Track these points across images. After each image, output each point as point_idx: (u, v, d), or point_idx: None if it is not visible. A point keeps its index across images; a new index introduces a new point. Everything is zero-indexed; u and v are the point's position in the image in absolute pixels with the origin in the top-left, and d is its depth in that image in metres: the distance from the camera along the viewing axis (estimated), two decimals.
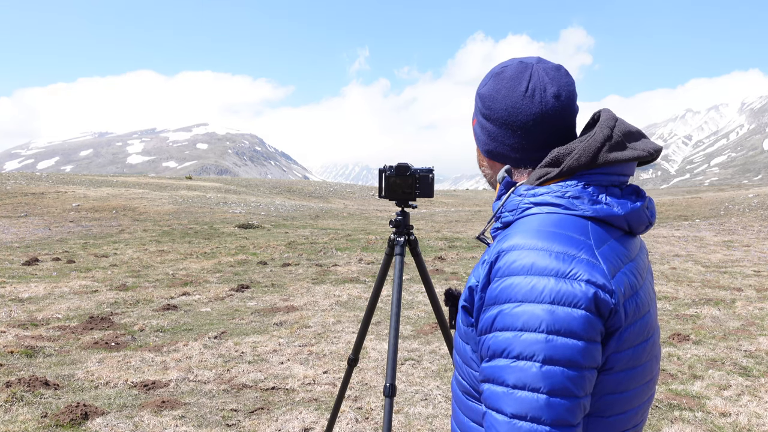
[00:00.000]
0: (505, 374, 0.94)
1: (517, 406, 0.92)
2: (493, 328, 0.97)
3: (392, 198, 2.61)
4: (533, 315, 0.93)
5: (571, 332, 0.92)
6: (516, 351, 0.93)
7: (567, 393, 0.92)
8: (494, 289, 0.98)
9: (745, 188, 39.62)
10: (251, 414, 3.91)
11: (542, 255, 0.96)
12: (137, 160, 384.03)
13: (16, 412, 3.82)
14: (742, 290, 8.07)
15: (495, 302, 0.97)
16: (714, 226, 18.83)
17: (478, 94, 1.18)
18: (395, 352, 2.53)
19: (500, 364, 0.94)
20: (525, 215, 1.07)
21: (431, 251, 12.20)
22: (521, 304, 0.94)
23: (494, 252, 1.02)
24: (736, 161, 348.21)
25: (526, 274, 0.95)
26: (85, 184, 31.46)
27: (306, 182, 53.60)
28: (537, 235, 1.00)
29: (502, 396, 0.94)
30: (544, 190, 1.06)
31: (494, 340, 0.96)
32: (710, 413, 3.93)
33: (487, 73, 1.18)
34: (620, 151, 1.06)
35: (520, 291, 0.95)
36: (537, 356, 0.92)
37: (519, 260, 0.97)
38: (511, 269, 0.97)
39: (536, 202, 1.06)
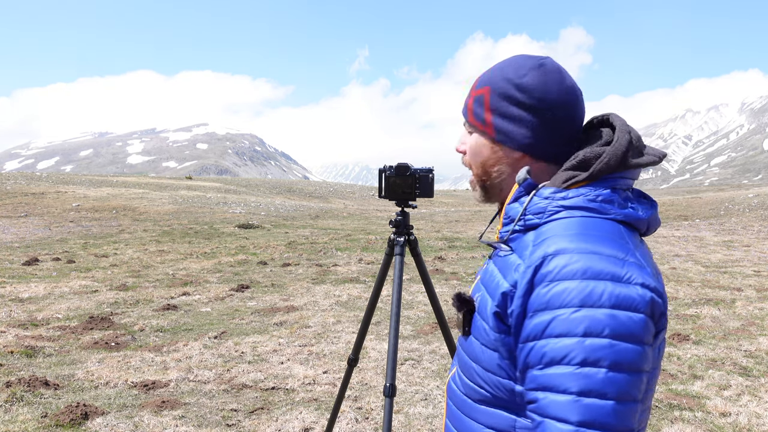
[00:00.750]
0: (568, 382, 0.91)
1: (584, 414, 0.90)
2: (547, 335, 0.94)
3: (392, 198, 2.61)
4: (595, 320, 0.91)
5: (633, 337, 0.92)
6: (580, 357, 0.91)
7: (631, 398, 0.91)
8: (544, 294, 0.95)
9: (745, 188, 39.62)
10: (251, 414, 3.91)
11: (594, 258, 0.95)
12: (137, 160, 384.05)
13: (16, 412, 3.82)
14: (742, 290, 8.07)
15: (546, 308, 0.95)
16: (714, 226, 18.83)
17: (519, 86, 1.11)
18: (395, 352, 2.53)
19: (561, 371, 0.92)
20: (554, 219, 1.05)
21: (431, 251, 12.20)
22: (580, 309, 0.92)
23: (537, 257, 0.99)
24: (736, 161, 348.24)
25: (581, 279, 0.93)
26: (85, 184, 31.47)
27: (306, 182, 53.61)
28: (583, 238, 0.98)
29: (566, 404, 0.91)
30: (574, 194, 1.05)
31: (550, 347, 0.93)
32: (710, 413, 3.93)
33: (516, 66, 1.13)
34: (640, 156, 1.08)
35: (578, 296, 0.93)
36: (603, 362, 0.90)
37: (570, 264, 0.95)
38: (563, 273, 0.95)
39: (567, 206, 1.04)
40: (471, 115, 1.17)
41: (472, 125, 1.18)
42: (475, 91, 1.17)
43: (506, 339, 1.03)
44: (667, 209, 24.40)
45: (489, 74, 1.17)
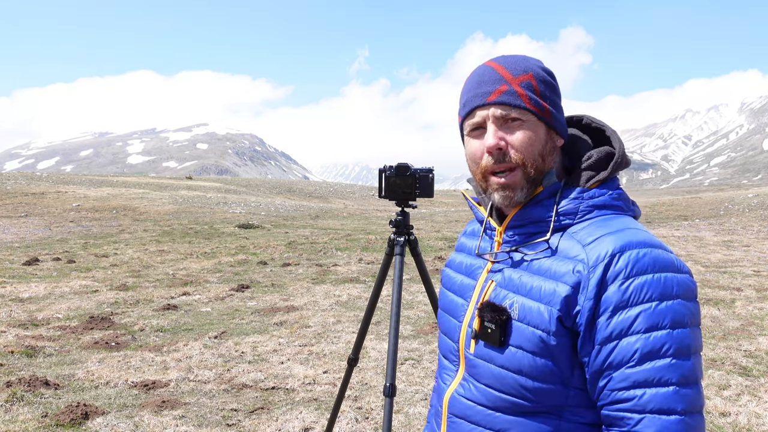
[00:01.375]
0: (668, 373, 0.94)
1: (687, 402, 0.94)
2: (634, 331, 0.95)
3: (392, 198, 2.62)
4: (676, 311, 0.96)
5: (699, 322, 1.00)
6: (674, 348, 0.94)
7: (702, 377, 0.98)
8: (624, 290, 0.97)
9: (744, 188, 39.63)
10: (251, 414, 3.92)
11: (656, 252, 0.99)
12: (137, 160, 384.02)
13: (17, 411, 3.82)
14: (741, 290, 8.07)
15: (629, 303, 0.96)
16: (714, 226, 18.84)
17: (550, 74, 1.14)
18: (395, 351, 2.53)
19: (659, 364, 0.94)
20: (588, 218, 1.07)
21: (431, 251, 12.20)
22: (662, 301, 0.96)
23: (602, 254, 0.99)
24: (736, 161, 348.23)
25: (653, 272, 0.97)
26: (86, 184, 31.48)
27: (306, 182, 53.62)
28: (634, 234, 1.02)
29: (670, 396, 0.93)
30: (599, 193, 1.09)
31: (643, 341, 0.95)
32: (710, 413, 3.93)
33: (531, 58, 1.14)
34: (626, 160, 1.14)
35: (657, 289, 0.96)
36: (690, 349, 0.96)
37: (641, 259, 0.98)
38: (638, 269, 0.97)
39: (596, 204, 1.08)
40: (528, 101, 1.08)
41: (529, 112, 1.08)
42: (518, 77, 1.09)
43: (567, 342, 1.02)
44: (666, 209, 24.41)
45: (519, 62, 1.11)
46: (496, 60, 1.13)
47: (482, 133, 1.11)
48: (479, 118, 1.10)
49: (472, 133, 1.13)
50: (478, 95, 1.11)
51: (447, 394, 1.18)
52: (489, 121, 1.09)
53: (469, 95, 1.13)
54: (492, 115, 1.09)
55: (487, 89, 1.10)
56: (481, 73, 1.13)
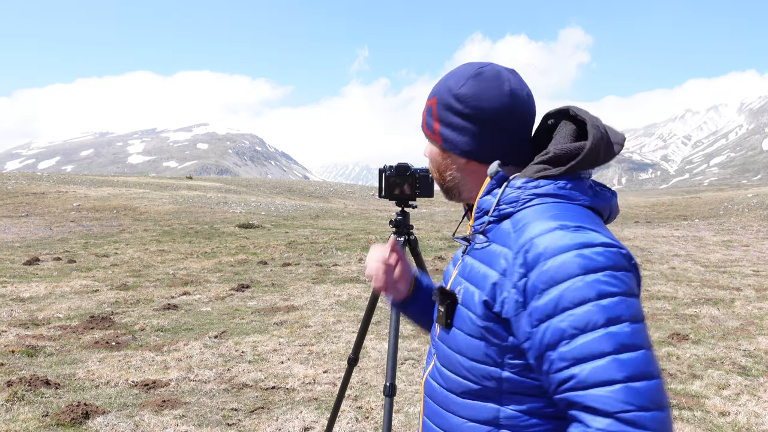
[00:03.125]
0: (601, 345, 0.93)
1: (627, 369, 0.92)
2: (561, 309, 0.96)
3: (392, 198, 2.62)
4: (603, 282, 0.95)
5: (632, 292, 0.98)
6: (603, 319, 0.94)
7: (650, 344, 0.97)
8: (544, 273, 0.98)
9: (744, 188, 39.63)
10: (251, 413, 3.92)
11: (580, 231, 1.00)
12: (138, 160, 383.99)
13: (18, 411, 3.83)
14: (741, 290, 8.08)
15: (550, 284, 0.97)
16: (713, 225, 18.84)
17: (457, 96, 1.16)
18: (395, 351, 2.54)
19: (590, 337, 0.94)
20: (528, 206, 1.09)
21: (431, 251, 12.21)
22: (585, 275, 0.96)
23: (524, 240, 1.02)
24: (735, 161, 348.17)
25: (575, 249, 0.97)
26: (86, 184, 31.49)
27: (306, 182, 53.62)
28: (562, 216, 1.03)
29: (607, 366, 0.93)
30: (546, 182, 1.10)
31: (571, 318, 0.95)
32: (709, 412, 3.94)
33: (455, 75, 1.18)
34: (610, 152, 1.12)
35: (578, 265, 0.96)
36: (623, 317, 0.94)
37: (559, 239, 0.99)
38: (558, 248, 0.98)
39: (539, 194, 1.09)
40: (424, 125, 1.24)
41: (425, 134, 1.24)
42: (427, 101, 1.23)
43: (494, 326, 1.05)
44: (666, 209, 24.41)
45: (437, 85, 1.22)
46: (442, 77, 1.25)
47: None
48: None
49: None
50: None
51: (424, 376, 1.27)
52: None
53: None
54: None
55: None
56: None
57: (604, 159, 1.12)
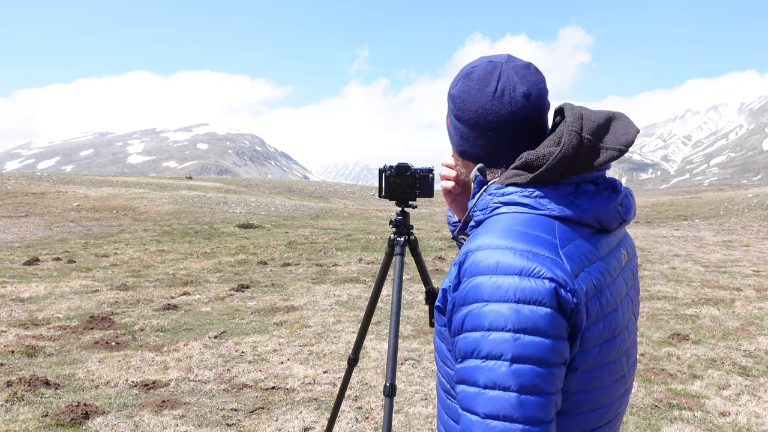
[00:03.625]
0: (476, 375, 0.94)
1: (489, 406, 0.92)
2: (463, 329, 0.97)
3: (392, 198, 2.62)
4: (499, 314, 0.93)
5: (537, 330, 0.93)
6: (485, 351, 0.93)
7: (538, 390, 0.92)
8: (463, 289, 0.99)
9: (744, 188, 39.63)
10: (251, 413, 3.92)
11: (507, 254, 0.97)
12: (138, 160, 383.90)
13: (17, 411, 3.83)
14: (741, 290, 8.08)
15: (464, 303, 0.98)
16: (713, 226, 18.84)
17: (450, 96, 1.16)
18: (395, 351, 2.54)
19: (471, 364, 0.95)
20: (494, 214, 1.07)
21: (431, 251, 12.21)
22: (487, 303, 0.95)
23: (462, 252, 1.03)
24: (736, 161, 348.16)
25: (491, 274, 0.96)
26: (86, 184, 31.48)
27: (306, 182, 53.62)
28: (503, 234, 1.00)
29: (474, 396, 0.94)
30: (512, 190, 1.06)
31: (465, 340, 0.97)
32: (710, 413, 3.93)
33: (458, 73, 1.16)
34: (594, 157, 1.04)
35: (486, 290, 0.95)
36: (505, 355, 0.92)
37: (485, 260, 0.98)
38: (478, 269, 0.98)
39: (504, 201, 1.07)
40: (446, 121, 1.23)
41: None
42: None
43: (446, 332, 1.07)
44: (666, 209, 24.41)
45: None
46: None
47: None
48: None
49: None
50: None
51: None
52: None
53: None
54: None
55: None
56: None
57: (586, 166, 1.04)
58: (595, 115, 1.07)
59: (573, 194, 1.05)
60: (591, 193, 1.07)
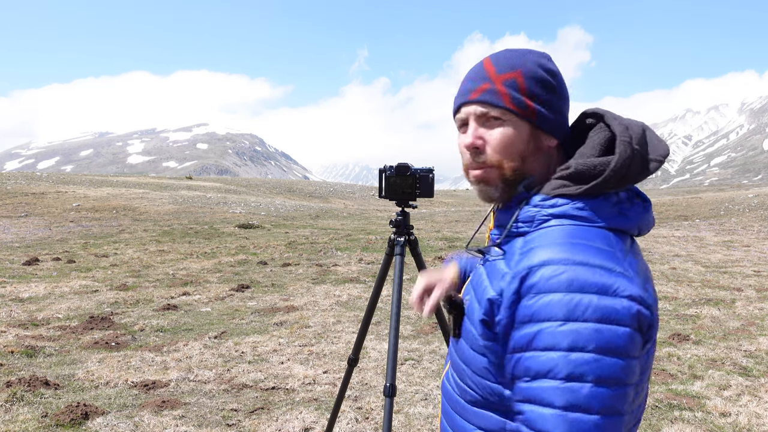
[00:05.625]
0: (552, 396, 0.91)
1: (568, 428, 0.90)
2: (532, 347, 0.93)
3: (392, 198, 2.61)
4: (580, 334, 0.90)
5: (618, 351, 0.91)
6: (565, 372, 0.90)
7: (616, 412, 0.91)
8: (530, 306, 0.94)
9: (745, 188, 39.63)
10: (251, 414, 3.92)
11: (580, 270, 0.93)
12: (137, 160, 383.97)
13: (17, 411, 3.82)
14: (742, 290, 8.07)
15: (532, 320, 0.94)
16: (714, 226, 18.83)
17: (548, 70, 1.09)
18: (395, 352, 2.53)
19: (546, 385, 0.91)
20: (544, 227, 1.03)
21: (431, 251, 12.20)
22: (566, 323, 0.91)
23: (523, 266, 0.98)
24: (736, 161, 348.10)
25: (566, 291, 0.92)
26: (86, 184, 31.47)
27: (306, 182, 53.61)
28: (569, 248, 0.96)
29: (550, 418, 0.91)
30: (563, 201, 1.03)
31: (535, 360, 0.93)
32: (710, 413, 3.93)
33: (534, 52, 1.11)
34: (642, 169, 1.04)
35: (563, 309, 0.91)
36: (587, 377, 0.89)
37: (556, 276, 0.93)
38: (549, 285, 0.93)
39: (555, 214, 1.03)
40: (508, 100, 1.06)
41: (509, 111, 1.07)
42: (502, 75, 1.08)
43: (494, 346, 1.02)
44: (667, 209, 24.41)
45: (512, 59, 1.09)
46: (491, 56, 1.13)
47: (467, 129, 1.12)
48: (464, 115, 1.12)
49: (461, 129, 1.14)
50: (463, 92, 1.12)
51: (441, 380, 1.26)
52: (471, 119, 1.10)
53: (458, 91, 1.15)
54: (473, 113, 1.09)
55: (471, 86, 1.10)
56: (474, 69, 1.13)
57: (636, 177, 1.03)
58: (634, 125, 1.06)
59: (619, 204, 1.04)
60: (630, 202, 1.06)
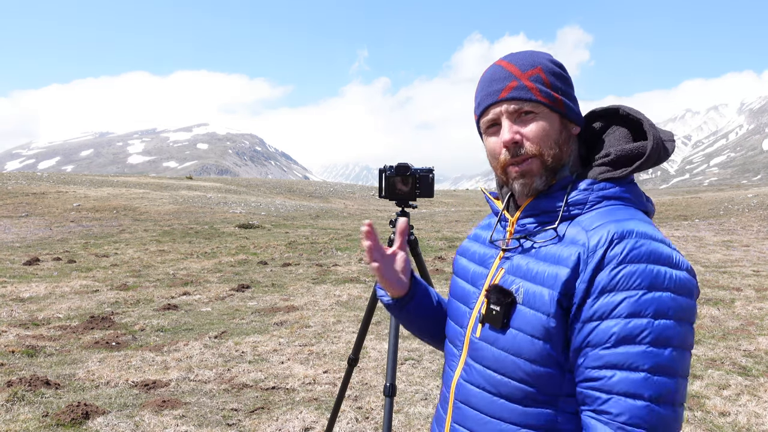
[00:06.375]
0: (641, 360, 0.96)
1: (655, 389, 0.95)
2: (616, 314, 0.98)
3: (392, 198, 2.62)
4: (662, 302, 0.97)
5: (689, 319, 1.00)
6: (651, 337, 0.96)
7: (688, 374, 1.00)
8: (614, 275, 0.99)
9: (744, 188, 39.64)
10: (252, 413, 3.92)
11: (654, 244, 1.01)
12: (138, 160, 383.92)
13: (18, 411, 3.83)
14: (741, 290, 8.08)
15: (617, 288, 0.99)
16: (713, 226, 18.83)
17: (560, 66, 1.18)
18: (395, 351, 2.54)
19: (634, 350, 0.96)
20: (596, 208, 1.10)
21: (431, 251, 12.21)
22: (649, 291, 0.97)
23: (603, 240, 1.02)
24: (736, 161, 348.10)
25: (647, 262, 0.99)
26: (86, 184, 31.47)
27: (306, 182, 53.60)
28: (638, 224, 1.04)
29: (638, 381, 0.96)
30: (611, 186, 1.12)
31: (621, 325, 0.97)
32: (710, 413, 3.94)
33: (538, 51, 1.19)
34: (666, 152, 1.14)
35: (645, 278, 0.98)
36: (672, 341, 0.97)
37: (637, 248, 1.00)
38: (632, 256, 0.99)
39: (606, 195, 1.11)
40: (538, 94, 1.13)
41: (541, 104, 1.13)
42: (527, 72, 1.14)
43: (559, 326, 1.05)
44: (666, 209, 24.41)
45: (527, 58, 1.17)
46: (505, 58, 1.19)
47: (498, 129, 1.16)
48: (493, 115, 1.16)
49: (489, 130, 1.18)
50: (491, 93, 1.17)
51: (453, 380, 1.21)
52: (503, 117, 1.15)
53: (482, 94, 1.19)
54: (505, 111, 1.14)
55: (498, 87, 1.15)
56: (492, 72, 1.18)
57: (662, 159, 1.13)
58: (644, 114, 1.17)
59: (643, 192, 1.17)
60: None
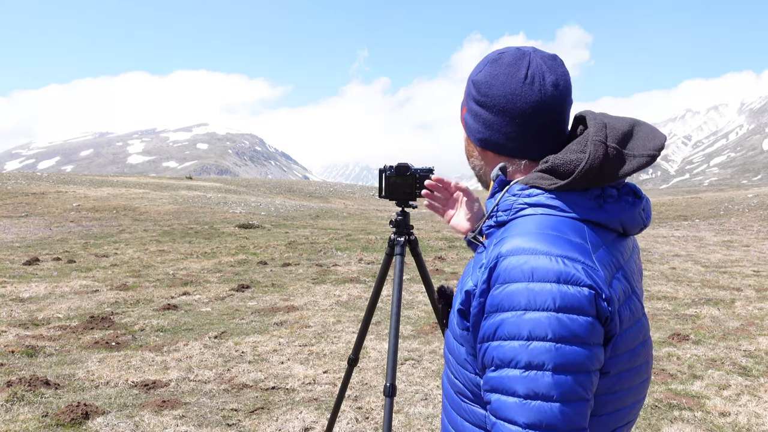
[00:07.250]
0: (515, 385, 0.92)
1: (531, 416, 0.91)
2: (497, 337, 0.95)
3: (392, 198, 2.62)
4: (539, 323, 0.91)
5: (577, 339, 0.92)
6: (525, 360, 0.92)
7: (578, 398, 0.92)
8: (496, 296, 0.96)
9: (744, 188, 39.65)
10: (251, 414, 3.92)
11: (542, 259, 0.94)
12: (138, 160, 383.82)
13: (17, 411, 3.83)
14: (741, 290, 8.08)
15: (497, 309, 0.95)
16: (713, 226, 18.83)
17: (472, 81, 1.13)
18: (395, 352, 2.54)
19: (509, 374, 0.93)
20: (519, 216, 1.05)
21: (431, 251, 12.21)
22: (525, 312, 0.92)
23: (492, 256, 0.99)
24: (736, 161, 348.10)
25: (528, 281, 0.93)
26: (86, 184, 31.47)
27: (306, 182, 53.61)
28: (535, 238, 0.97)
29: (513, 407, 0.92)
30: (539, 191, 1.04)
31: (499, 349, 0.94)
32: (710, 413, 3.93)
33: (482, 60, 1.15)
34: (619, 167, 1.02)
35: (523, 298, 0.93)
36: (547, 365, 0.91)
37: (519, 265, 0.95)
38: (512, 275, 0.95)
39: (531, 203, 1.04)
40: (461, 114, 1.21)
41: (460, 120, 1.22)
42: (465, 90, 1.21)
43: (469, 335, 1.04)
44: (666, 209, 24.42)
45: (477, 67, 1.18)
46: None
47: None
48: None
49: None
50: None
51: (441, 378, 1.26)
52: None
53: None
54: None
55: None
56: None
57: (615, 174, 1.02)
58: (618, 122, 1.06)
59: (599, 198, 1.05)
60: (615, 197, 1.07)
